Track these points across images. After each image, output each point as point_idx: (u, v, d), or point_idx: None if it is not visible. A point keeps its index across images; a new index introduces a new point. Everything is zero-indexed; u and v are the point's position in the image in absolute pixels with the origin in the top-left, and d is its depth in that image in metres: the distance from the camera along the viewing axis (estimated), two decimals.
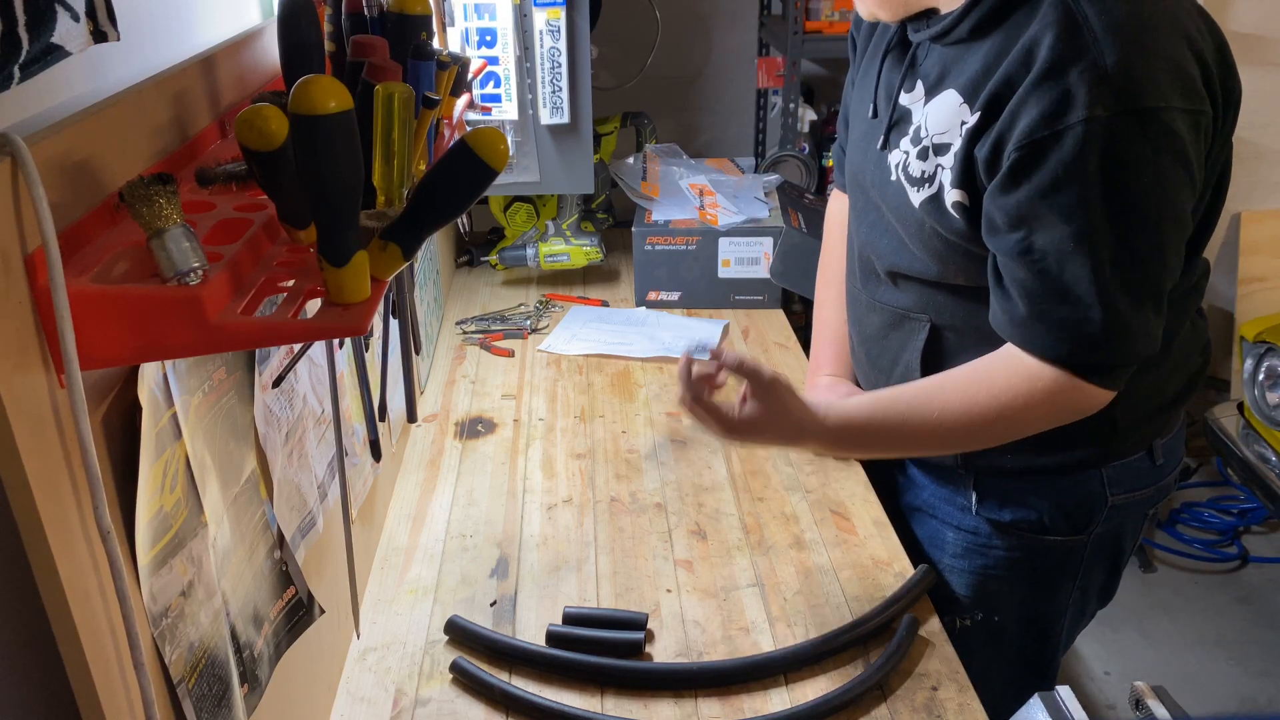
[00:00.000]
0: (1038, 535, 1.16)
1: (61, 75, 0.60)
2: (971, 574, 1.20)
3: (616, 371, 1.63)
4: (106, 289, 0.53)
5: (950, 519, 1.20)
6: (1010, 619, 1.22)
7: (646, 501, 1.30)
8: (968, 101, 0.98)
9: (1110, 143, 0.88)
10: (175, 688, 0.64)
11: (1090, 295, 0.93)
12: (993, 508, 1.16)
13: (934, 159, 1.02)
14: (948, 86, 1.01)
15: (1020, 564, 1.18)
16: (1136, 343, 0.96)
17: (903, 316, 1.15)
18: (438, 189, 0.60)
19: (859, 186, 1.20)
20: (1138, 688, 0.95)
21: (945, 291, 1.10)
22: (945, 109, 1.01)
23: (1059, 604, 1.22)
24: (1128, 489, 1.15)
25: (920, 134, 1.04)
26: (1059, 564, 1.19)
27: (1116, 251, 0.92)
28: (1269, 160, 2.82)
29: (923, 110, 1.04)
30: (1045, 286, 0.94)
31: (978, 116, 0.95)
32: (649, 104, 2.17)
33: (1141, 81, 0.88)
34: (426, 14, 0.81)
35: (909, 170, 1.05)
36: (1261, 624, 2.45)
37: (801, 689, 1.00)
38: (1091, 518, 1.15)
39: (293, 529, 0.89)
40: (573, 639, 1.05)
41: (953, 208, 1.00)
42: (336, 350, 0.99)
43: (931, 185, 1.02)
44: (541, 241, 1.91)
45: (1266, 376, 2.45)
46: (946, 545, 1.21)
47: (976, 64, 0.97)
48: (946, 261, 1.05)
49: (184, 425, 0.66)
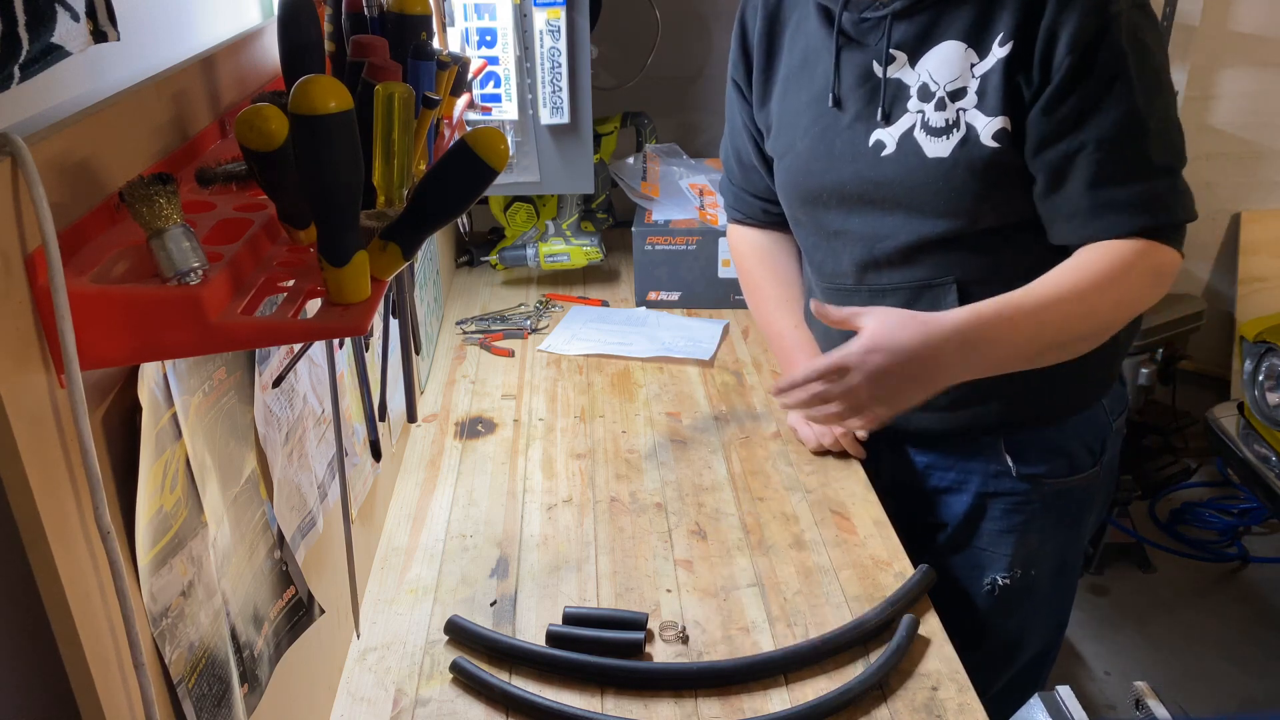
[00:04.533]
0: (1066, 479, 1.25)
1: (61, 75, 0.60)
2: (1011, 534, 1.27)
3: (616, 371, 1.63)
4: (106, 289, 0.53)
5: (987, 488, 1.26)
6: (1044, 570, 1.30)
7: (646, 501, 1.30)
8: (973, 45, 1.08)
9: (1137, 29, 1.04)
10: (175, 688, 0.64)
11: (1150, 166, 1.05)
12: (1030, 463, 1.23)
13: (953, 105, 1.10)
14: (939, 40, 1.11)
15: (1053, 511, 1.27)
16: (1189, 198, 1.08)
17: (923, 287, 1.18)
18: (438, 189, 0.60)
19: (818, 198, 1.24)
20: (1138, 688, 0.95)
21: (966, 246, 1.15)
22: (948, 59, 1.10)
23: (1081, 542, 1.34)
24: (1117, 413, 1.29)
25: (930, 89, 1.11)
26: (1082, 501, 1.29)
27: (1159, 122, 1.05)
28: (1269, 160, 2.83)
29: (915, 72, 1.12)
30: (1112, 170, 1.05)
31: (1010, 50, 1.05)
32: (649, 104, 2.17)
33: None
34: (426, 14, 0.81)
35: (930, 124, 1.12)
36: (1261, 624, 2.45)
37: (801, 689, 1.00)
38: (1105, 446, 1.26)
39: (293, 529, 0.89)
40: (573, 639, 1.05)
41: (994, 137, 1.08)
42: (336, 350, 0.99)
43: (959, 129, 1.10)
44: (541, 241, 1.91)
45: (1266, 376, 2.45)
46: (985, 515, 1.27)
47: (971, 11, 1.08)
48: (980, 203, 1.11)
49: (184, 425, 0.66)
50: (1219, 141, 2.79)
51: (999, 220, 1.13)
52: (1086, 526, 1.32)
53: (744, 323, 1.79)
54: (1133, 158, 1.05)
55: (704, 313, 1.83)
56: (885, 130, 1.15)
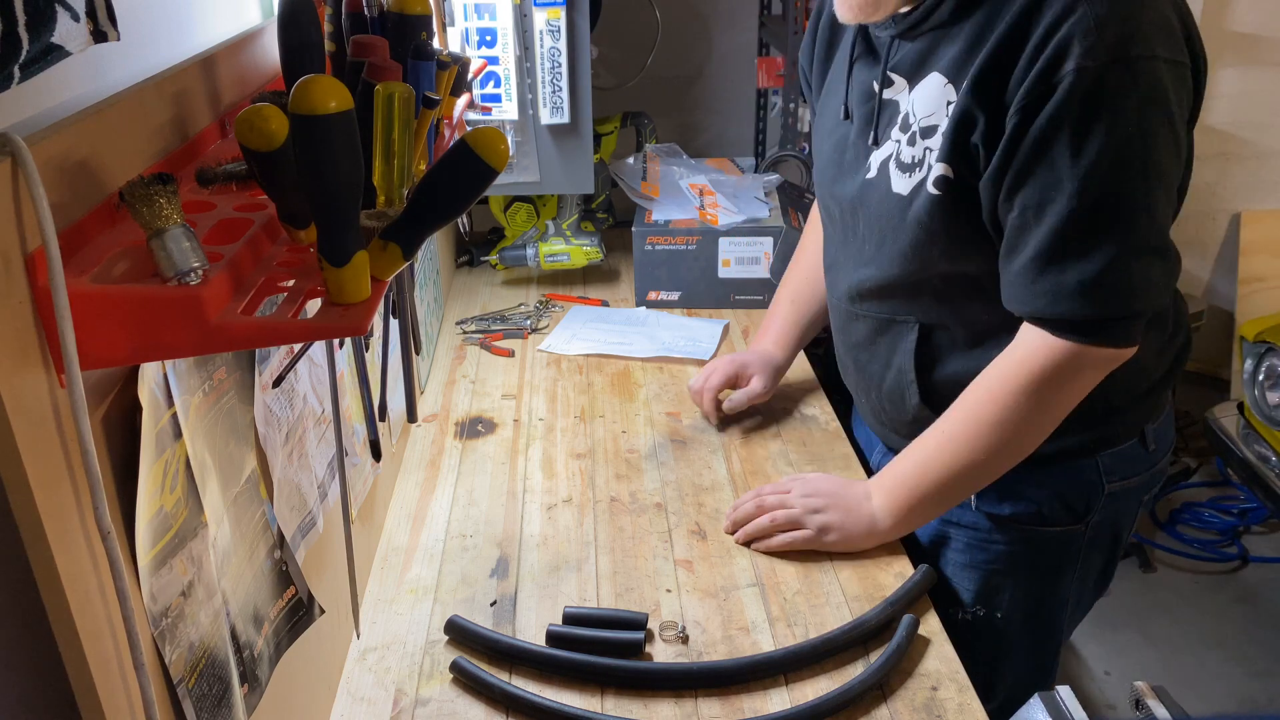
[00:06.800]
0: (1038, 527, 1.17)
1: (61, 75, 0.60)
2: (974, 570, 1.21)
3: (616, 371, 1.63)
4: (107, 289, 0.53)
5: (950, 516, 1.20)
6: (1013, 613, 1.23)
7: (646, 501, 1.30)
8: (952, 81, 1.00)
9: (1098, 91, 0.91)
10: (175, 688, 0.64)
11: (1085, 248, 0.95)
12: (992, 501, 1.17)
13: (922, 143, 1.03)
14: (930, 71, 1.03)
15: (1022, 557, 1.19)
16: (1139, 294, 0.98)
17: (888, 321, 1.16)
18: (438, 189, 0.60)
19: (829, 206, 1.22)
20: (1138, 688, 0.95)
21: (929, 292, 1.11)
22: (930, 92, 1.03)
23: (1060, 595, 1.24)
24: (1123, 476, 1.17)
25: (909, 121, 1.05)
26: (1059, 555, 1.21)
27: (1106, 201, 0.94)
28: (1269, 160, 2.83)
29: (909, 99, 1.06)
30: (1046, 246, 0.96)
31: (967, 92, 0.97)
32: (649, 104, 2.17)
33: (1131, 32, 0.91)
34: (426, 14, 0.81)
35: (900, 158, 1.07)
36: (1261, 624, 2.45)
37: (801, 689, 1.00)
38: (1090, 506, 1.17)
39: (293, 529, 0.89)
40: (573, 639, 1.05)
41: (934, 183, 1.01)
42: (336, 350, 0.99)
43: (921, 169, 1.04)
44: (541, 241, 1.91)
45: (1266, 376, 2.45)
46: (948, 543, 1.22)
47: (960, 43, 1.00)
48: (928, 249, 1.06)
49: (184, 425, 0.66)
50: (1219, 141, 2.79)
51: (953, 269, 1.07)
52: (1068, 581, 1.22)
53: (744, 323, 1.79)
54: (1070, 237, 0.95)
55: (704, 313, 1.83)
56: (875, 153, 1.11)
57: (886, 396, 1.21)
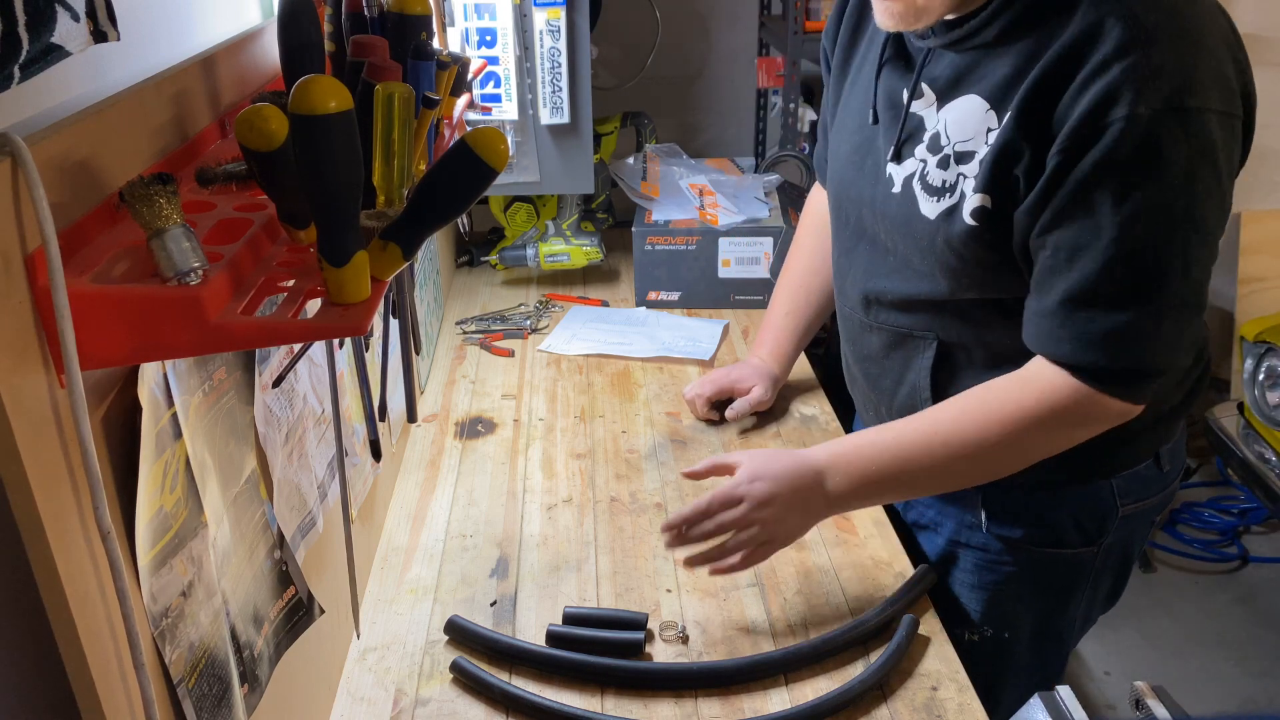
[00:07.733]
0: (1050, 549, 1.14)
1: (61, 75, 0.60)
2: (983, 590, 1.18)
3: (616, 371, 1.63)
4: (106, 289, 0.53)
5: (959, 537, 1.18)
6: (1022, 634, 1.20)
7: (646, 501, 1.30)
8: (994, 107, 0.95)
9: (1149, 140, 0.86)
10: (175, 688, 0.64)
11: (1117, 300, 0.91)
12: (1004, 524, 1.14)
13: (956, 167, 0.99)
14: (967, 91, 0.98)
15: (1032, 579, 1.17)
16: (1161, 353, 0.95)
17: (905, 335, 1.12)
18: (438, 189, 0.60)
19: (844, 207, 1.18)
20: (1138, 688, 0.95)
21: (952, 310, 1.07)
22: (968, 115, 0.98)
23: (1069, 616, 1.21)
24: (1137, 498, 1.15)
25: (940, 142, 1.01)
26: (1070, 576, 1.18)
27: (1145, 254, 0.90)
28: (1269, 160, 2.82)
29: (938, 116, 1.02)
30: (1076, 291, 0.92)
31: (1010, 122, 0.93)
32: (649, 104, 2.17)
33: (1187, 81, 0.87)
34: (426, 14, 0.81)
35: (927, 179, 1.02)
36: (1261, 624, 2.45)
37: (801, 689, 1.00)
38: (1103, 529, 1.14)
39: (293, 529, 0.89)
40: (573, 639, 1.05)
41: (971, 214, 0.97)
42: (336, 350, 0.99)
43: (952, 195, 0.99)
44: (541, 241, 1.91)
45: (1266, 376, 2.45)
46: (957, 563, 1.19)
47: (1005, 68, 0.95)
48: (958, 275, 1.03)
49: (184, 425, 0.66)
50: None
51: (980, 294, 1.04)
52: (1078, 601, 1.20)
53: (744, 323, 1.79)
54: (1101, 284, 0.91)
55: (704, 313, 1.83)
56: (896, 167, 1.06)
57: (897, 412, 1.16)
